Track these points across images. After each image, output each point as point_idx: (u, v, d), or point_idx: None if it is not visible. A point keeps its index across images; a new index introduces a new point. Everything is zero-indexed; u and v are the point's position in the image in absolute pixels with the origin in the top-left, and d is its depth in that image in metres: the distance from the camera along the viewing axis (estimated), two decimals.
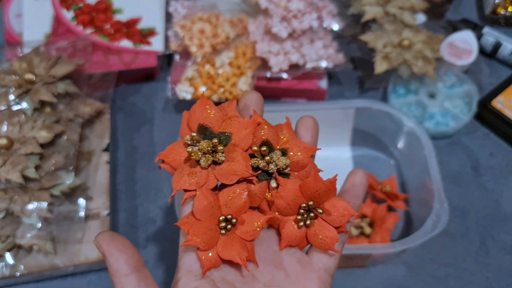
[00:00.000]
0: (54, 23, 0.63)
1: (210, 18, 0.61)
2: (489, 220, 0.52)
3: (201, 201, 0.24)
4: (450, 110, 0.56)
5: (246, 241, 0.25)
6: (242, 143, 0.26)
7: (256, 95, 0.28)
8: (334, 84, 0.62)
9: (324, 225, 0.26)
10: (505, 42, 0.60)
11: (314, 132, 0.28)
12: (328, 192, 0.26)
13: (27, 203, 0.47)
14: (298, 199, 0.26)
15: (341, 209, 0.26)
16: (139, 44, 0.62)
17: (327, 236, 0.26)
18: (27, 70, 0.53)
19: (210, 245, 0.24)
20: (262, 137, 0.26)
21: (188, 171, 0.25)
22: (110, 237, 0.24)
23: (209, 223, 0.25)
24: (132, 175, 0.57)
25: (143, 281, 0.24)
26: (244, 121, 0.26)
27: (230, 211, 0.25)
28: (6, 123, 0.50)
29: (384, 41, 0.57)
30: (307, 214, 0.26)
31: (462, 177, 0.54)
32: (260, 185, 0.26)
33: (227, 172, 0.25)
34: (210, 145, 0.25)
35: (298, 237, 0.26)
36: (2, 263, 0.48)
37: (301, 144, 0.27)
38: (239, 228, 0.25)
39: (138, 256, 0.24)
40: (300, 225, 0.26)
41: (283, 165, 0.25)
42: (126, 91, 0.63)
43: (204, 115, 0.26)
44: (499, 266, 0.49)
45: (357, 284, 0.49)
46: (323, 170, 0.58)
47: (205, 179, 0.25)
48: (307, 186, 0.25)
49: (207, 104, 0.26)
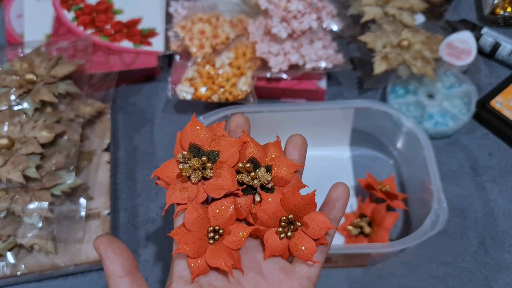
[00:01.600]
0: (55, 24, 0.63)
1: (210, 19, 0.61)
2: (488, 220, 0.52)
3: (191, 213, 0.27)
4: (449, 110, 0.56)
5: (233, 250, 0.28)
6: (229, 160, 0.28)
7: (243, 117, 0.30)
8: (334, 85, 0.62)
9: (304, 237, 0.28)
10: (503, 42, 0.60)
11: (301, 150, 0.30)
12: (307, 206, 0.28)
13: (28, 203, 0.47)
14: (279, 212, 0.28)
15: (319, 223, 0.28)
16: (139, 45, 0.62)
17: (306, 248, 0.28)
18: (28, 70, 0.53)
19: (199, 253, 0.27)
20: (249, 155, 0.28)
21: (180, 187, 0.28)
22: (108, 241, 0.26)
23: (198, 233, 0.27)
24: (132, 175, 0.57)
25: (136, 284, 0.26)
26: (231, 140, 0.28)
27: (218, 223, 0.27)
28: (7, 123, 0.50)
29: (383, 41, 0.57)
30: (288, 226, 0.28)
31: (461, 177, 0.55)
32: (245, 199, 0.28)
33: (215, 187, 0.27)
34: (199, 162, 0.27)
35: (280, 247, 0.28)
36: (3, 263, 0.48)
37: (286, 161, 0.29)
38: (226, 238, 0.28)
39: (133, 260, 0.26)
40: (281, 237, 0.28)
41: (265, 181, 0.28)
42: (126, 91, 0.64)
43: (195, 135, 0.28)
44: (498, 265, 0.49)
45: (356, 283, 0.49)
46: (323, 170, 0.59)
47: (196, 193, 0.27)
48: (286, 200, 0.28)
49: (197, 125, 0.29)
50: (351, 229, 0.50)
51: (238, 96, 0.56)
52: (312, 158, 0.58)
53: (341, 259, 0.49)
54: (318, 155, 0.58)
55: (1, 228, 0.48)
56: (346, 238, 0.52)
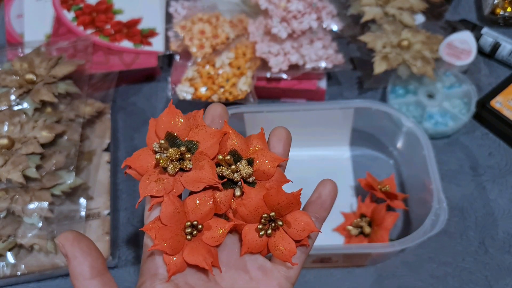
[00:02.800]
0: (55, 24, 0.63)
1: (210, 19, 0.61)
2: (488, 220, 0.52)
3: (168, 207, 0.25)
4: (449, 110, 0.56)
5: (211, 246, 0.26)
6: (209, 152, 0.26)
7: (221, 106, 0.28)
8: (334, 85, 0.62)
9: (285, 237, 0.27)
10: (504, 42, 0.60)
11: (286, 143, 0.29)
12: (291, 204, 0.26)
13: (28, 203, 0.47)
14: (261, 209, 0.26)
15: (302, 224, 0.26)
16: (139, 45, 0.62)
17: (286, 249, 0.26)
18: (28, 70, 0.53)
19: (176, 250, 0.25)
20: (230, 147, 0.27)
21: (155, 178, 0.26)
22: (74, 238, 0.24)
23: (175, 229, 0.25)
24: None
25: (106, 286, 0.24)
26: (211, 130, 0.27)
27: (196, 217, 0.26)
28: (7, 123, 0.50)
29: (383, 41, 0.57)
30: (269, 224, 0.27)
31: (461, 177, 0.55)
32: (225, 193, 0.26)
33: (194, 180, 0.26)
34: (178, 152, 0.26)
35: (258, 245, 0.26)
36: (3, 263, 0.48)
37: (269, 154, 0.27)
38: (204, 234, 0.26)
39: (102, 260, 0.24)
40: (261, 234, 0.26)
41: (246, 174, 0.26)
42: (126, 91, 0.64)
43: (172, 124, 0.26)
44: (498, 265, 0.49)
45: (356, 283, 0.49)
46: (323, 170, 0.59)
47: (172, 185, 0.26)
48: (270, 197, 0.26)
49: (175, 113, 0.27)
50: (351, 229, 0.50)
51: (238, 96, 0.56)
52: (312, 158, 0.59)
53: (341, 259, 0.49)
54: (318, 155, 0.58)
55: (1, 228, 0.48)
56: (346, 238, 0.52)
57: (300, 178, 0.57)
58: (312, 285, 0.49)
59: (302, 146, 0.58)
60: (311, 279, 0.50)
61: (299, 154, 0.58)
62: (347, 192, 0.55)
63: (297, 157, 0.58)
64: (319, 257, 0.47)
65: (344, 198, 0.55)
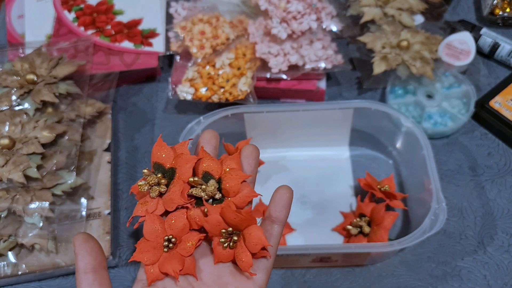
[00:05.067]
0: (55, 24, 0.64)
1: (210, 20, 0.61)
2: (487, 219, 0.52)
3: (148, 224, 0.30)
4: (448, 110, 0.57)
5: (185, 257, 0.30)
6: (184, 176, 0.30)
7: (211, 134, 0.33)
8: (333, 85, 0.63)
9: (244, 249, 0.30)
10: (503, 42, 0.60)
11: (252, 159, 0.32)
12: (246, 220, 0.29)
13: (29, 203, 0.48)
14: (221, 224, 0.30)
15: (255, 238, 0.29)
16: (140, 45, 0.62)
17: (245, 260, 0.29)
18: (29, 71, 0.53)
19: (153, 260, 0.30)
20: (203, 169, 0.31)
21: (142, 201, 0.31)
22: (83, 239, 0.29)
23: (154, 243, 0.30)
24: (133, 175, 0.57)
25: (97, 281, 0.28)
26: (187, 157, 0.31)
27: (172, 232, 0.30)
28: (8, 123, 0.50)
29: (383, 42, 0.58)
30: (230, 237, 0.30)
31: (460, 177, 0.55)
32: (195, 211, 0.30)
33: (168, 201, 0.30)
34: (155, 179, 0.30)
35: (225, 255, 0.30)
36: (4, 262, 0.48)
37: (235, 172, 0.31)
38: (179, 246, 0.30)
39: (101, 259, 0.29)
40: (224, 246, 0.30)
41: (210, 193, 0.30)
42: (127, 91, 0.64)
43: (158, 155, 0.31)
44: (497, 265, 0.49)
45: (356, 283, 0.49)
46: (323, 170, 0.59)
47: (155, 207, 0.30)
48: (224, 215, 0.29)
49: (161, 145, 0.32)
50: (350, 228, 0.51)
51: (238, 96, 0.57)
52: (311, 158, 0.59)
53: (340, 258, 0.49)
54: (317, 155, 0.58)
55: (2, 228, 0.48)
56: (346, 237, 0.52)
57: (299, 178, 0.58)
58: (311, 284, 0.50)
59: (301, 146, 0.58)
60: (311, 278, 0.50)
61: (298, 154, 0.58)
62: (347, 192, 0.55)
63: (297, 157, 0.58)
64: (319, 257, 0.48)
65: (343, 198, 0.55)
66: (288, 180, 0.56)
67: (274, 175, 0.57)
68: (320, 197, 0.55)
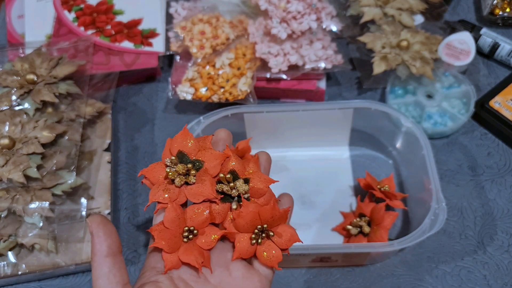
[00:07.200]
0: (55, 24, 0.64)
1: (210, 20, 0.61)
2: (487, 219, 0.52)
3: (171, 213, 0.30)
4: (448, 110, 0.57)
5: (204, 249, 0.31)
6: (212, 171, 0.31)
7: (225, 132, 0.34)
8: (333, 85, 0.63)
9: (272, 245, 0.31)
10: (502, 42, 0.60)
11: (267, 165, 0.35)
12: (281, 218, 0.32)
13: (29, 203, 0.48)
14: (255, 221, 0.31)
15: (289, 235, 0.32)
16: (140, 45, 0.62)
17: (273, 256, 0.31)
18: (29, 71, 0.54)
19: (173, 249, 0.30)
20: (230, 167, 0.32)
21: (164, 187, 0.31)
22: (101, 221, 0.28)
23: (175, 231, 0.30)
24: (133, 175, 0.57)
25: (117, 265, 0.28)
26: (216, 153, 0.32)
27: (193, 224, 0.31)
28: (8, 123, 0.50)
29: (383, 42, 0.58)
30: (261, 234, 0.31)
31: (460, 177, 0.55)
32: (222, 206, 0.31)
33: (196, 193, 0.30)
34: (185, 168, 0.30)
35: (249, 251, 0.31)
36: (4, 262, 0.48)
37: (262, 176, 0.32)
38: (199, 238, 0.31)
39: (119, 244, 0.29)
40: (253, 242, 0.31)
41: (243, 191, 0.31)
42: (127, 91, 0.64)
43: (184, 144, 0.32)
44: (497, 264, 0.49)
45: (356, 283, 0.49)
46: (322, 170, 0.59)
47: (177, 195, 0.30)
48: (265, 212, 0.31)
49: (187, 135, 0.32)
50: (350, 228, 0.51)
51: (238, 96, 0.57)
52: (311, 158, 0.59)
53: (340, 258, 0.49)
54: (317, 155, 0.58)
55: (2, 228, 0.48)
56: (346, 237, 0.52)
57: (299, 178, 0.58)
58: (311, 284, 0.50)
59: (301, 146, 0.58)
60: (311, 278, 0.50)
61: (298, 154, 0.58)
62: (346, 191, 0.55)
63: (297, 157, 0.58)
64: (319, 257, 0.48)
65: (343, 197, 0.55)
66: (288, 180, 0.56)
67: (274, 175, 0.56)
68: (320, 197, 0.55)
